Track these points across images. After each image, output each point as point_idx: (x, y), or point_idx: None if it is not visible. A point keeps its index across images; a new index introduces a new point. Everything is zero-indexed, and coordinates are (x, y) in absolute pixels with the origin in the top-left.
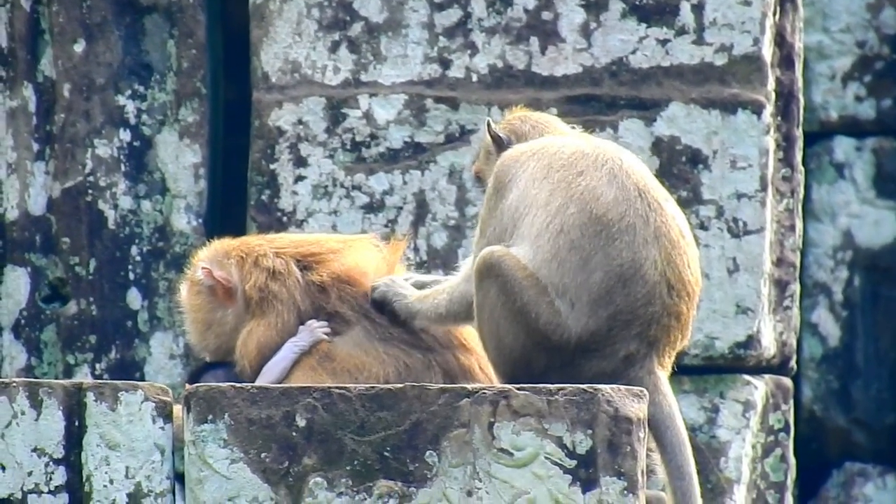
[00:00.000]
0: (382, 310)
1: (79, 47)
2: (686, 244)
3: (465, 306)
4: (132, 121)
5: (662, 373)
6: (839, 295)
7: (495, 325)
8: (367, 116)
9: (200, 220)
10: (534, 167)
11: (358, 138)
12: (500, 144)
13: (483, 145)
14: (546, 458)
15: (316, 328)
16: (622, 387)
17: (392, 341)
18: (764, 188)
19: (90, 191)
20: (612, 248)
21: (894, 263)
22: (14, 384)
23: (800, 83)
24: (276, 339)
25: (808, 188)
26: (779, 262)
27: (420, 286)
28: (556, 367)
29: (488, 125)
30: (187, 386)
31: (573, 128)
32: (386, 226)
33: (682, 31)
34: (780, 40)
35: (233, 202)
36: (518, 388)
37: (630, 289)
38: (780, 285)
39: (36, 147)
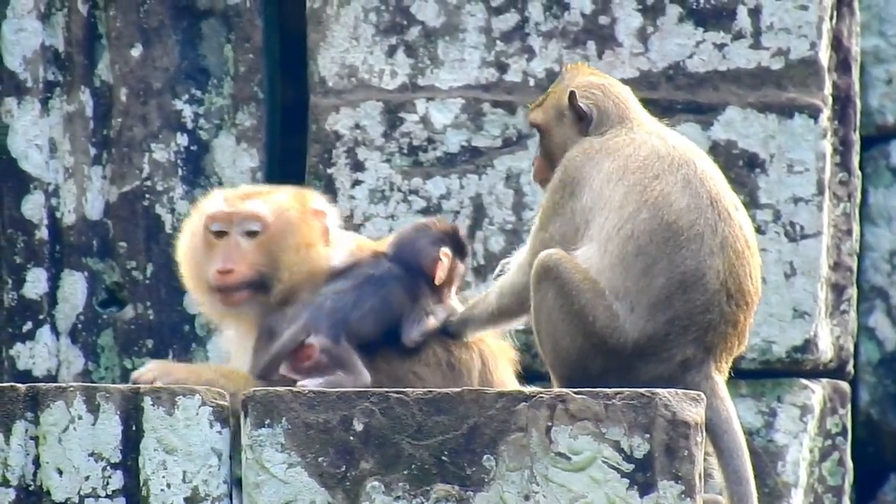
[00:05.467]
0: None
1: (136, 52)
2: (751, 254)
3: (516, 297)
4: (189, 125)
5: (720, 377)
6: None
7: (552, 327)
8: (425, 121)
9: None
10: (609, 167)
11: (415, 142)
12: (581, 118)
13: (555, 100)
14: (603, 462)
15: None
16: (680, 391)
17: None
18: (821, 192)
19: (147, 195)
20: (678, 255)
21: None
22: (71, 388)
23: (856, 87)
24: None
25: (864, 192)
26: (836, 266)
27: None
28: (612, 370)
29: (572, 96)
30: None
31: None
32: None
33: (738, 36)
34: (837, 44)
35: None
36: (575, 392)
37: (690, 295)
38: (837, 289)
39: (93, 151)
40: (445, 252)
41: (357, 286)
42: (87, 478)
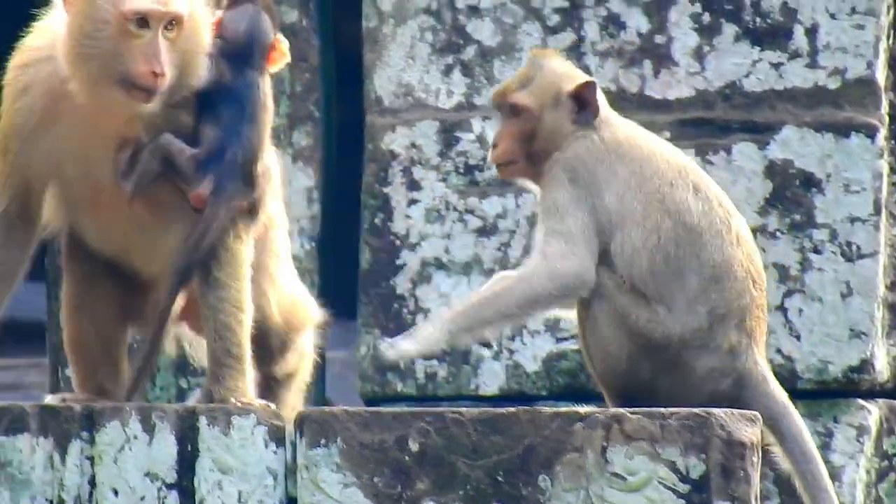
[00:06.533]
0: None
1: None
2: (754, 244)
3: (541, 305)
4: None
5: (764, 362)
6: None
7: (599, 334)
8: (480, 140)
9: (314, 244)
10: (624, 173)
11: (471, 161)
12: (584, 109)
13: (549, 84)
14: (659, 482)
15: None
16: (735, 410)
17: None
18: (877, 212)
19: None
20: (705, 252)
21: None
22: (127, 408)
23: None
24: None
25: None
26: (892, 285)
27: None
28: (662, 369)
29: (592, 88)
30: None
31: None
32: (499, 249)
33: (795, 55)
34: (894, 64)
35: (346, 226)
36: (631, 412)
37: (723, 284)
38: (894, 309)
39: None
40: (280, 36)
41: (237, 108)
42: (142, 498)
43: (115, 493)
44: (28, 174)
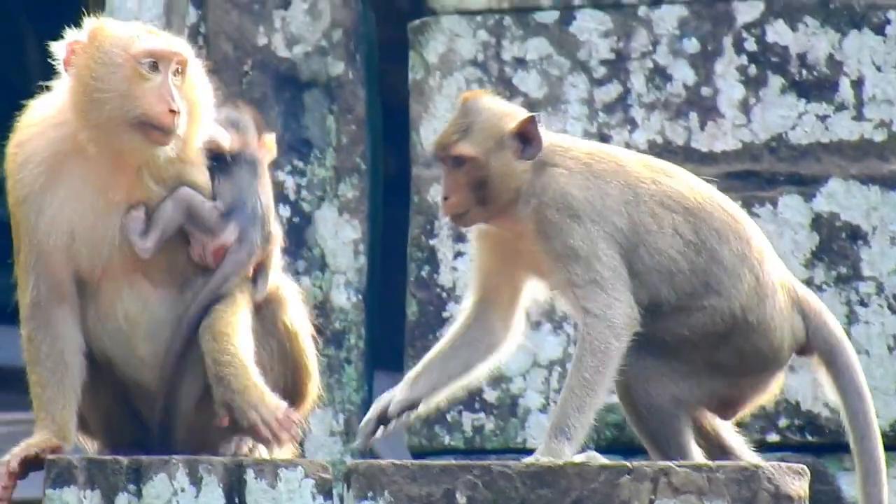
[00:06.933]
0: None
1: None
2: None
3: (616, 365)
4: (292, 196)
5: (807, 289)
6: None
7: (658, 365)
8: None
9: (360, 296)
10: (614, 189)
11: None
12: (533, 145)
13: (490, 128)
14: None
15: None
16: (783, 464)
17: None
18: None
19: None
20: (717, 222)
21: None
22: (174, 461)
23: None
24: None
25: None
26: None
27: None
28: (742, 340)
29: (533, 122)
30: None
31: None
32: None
33: (841, 107)
34: None
35: (392, 278)
36: (678, 465)
37: (745, 236)
38: None
39: None
40: (266, 135)
41: (251, 173)
42: None
43: None
44: (44, 249)
